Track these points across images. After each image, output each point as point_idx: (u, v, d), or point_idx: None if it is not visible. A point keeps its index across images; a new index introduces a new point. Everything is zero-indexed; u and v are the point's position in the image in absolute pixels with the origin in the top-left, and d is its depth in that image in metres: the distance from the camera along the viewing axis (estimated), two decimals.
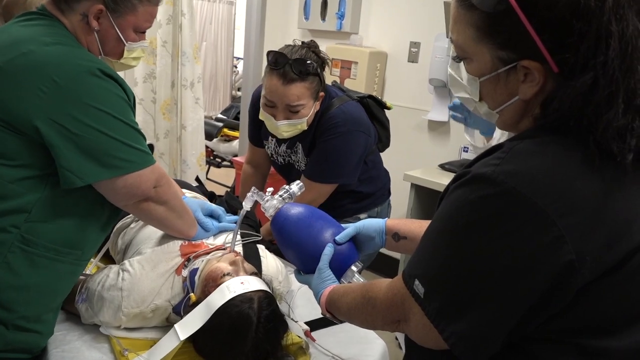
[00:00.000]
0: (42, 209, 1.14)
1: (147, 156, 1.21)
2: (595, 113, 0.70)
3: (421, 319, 0.79)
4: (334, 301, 1.06)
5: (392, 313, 0.87)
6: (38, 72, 1.08)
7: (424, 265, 0.80)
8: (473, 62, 0.82)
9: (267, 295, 1.23)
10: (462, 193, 0.75)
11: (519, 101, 0.80)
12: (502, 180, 0.70)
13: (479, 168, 0.75)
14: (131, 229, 1.62)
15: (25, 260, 1.13)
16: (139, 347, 1.27)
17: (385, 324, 0.92)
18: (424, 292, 0.78)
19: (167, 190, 1.31)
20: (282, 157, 1.92)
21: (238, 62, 7.41)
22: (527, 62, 0.74)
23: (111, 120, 1.13)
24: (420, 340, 0.84)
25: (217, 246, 1.45)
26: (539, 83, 0.75)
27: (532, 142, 0.74)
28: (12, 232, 1.12)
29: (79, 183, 1.12)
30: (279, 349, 1.25)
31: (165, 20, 3.14)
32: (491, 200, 0.71)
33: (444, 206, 0.79)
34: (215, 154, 5.00)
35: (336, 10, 3.36)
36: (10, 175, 1.11)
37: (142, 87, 3.18)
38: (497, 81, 0.80)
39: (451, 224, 0.77)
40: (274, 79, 1.66)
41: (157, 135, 3.30)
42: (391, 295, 0.87)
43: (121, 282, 1.32)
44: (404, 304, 0.83)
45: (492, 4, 0.74)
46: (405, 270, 0.84)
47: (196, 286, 1.30)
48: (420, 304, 0.79)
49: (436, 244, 0.79)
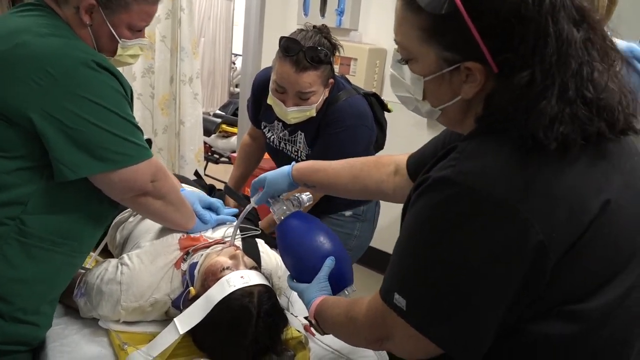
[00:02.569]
0: (38, 201, 1.13)
1: (144, 150, 1.20)
2: (530, 105, 0.74)
3: (407, 332, 0.81)
4: (323, 311, 1.08)
5: (374, 332, 0.90)
6: (32, 64, 1.07)
7: (400, 278, 0.82)
8: (418, 62, 0.85)
9: (267, 290, 1.23)
10: (427, 199, 0.78)
11: (461, 100, 0.84)
12: (461, 180, 0.74)
13: (437, 172, 0.78)
14: (129, 222, 1.61)
15: (22, 252, 1.13)
16: (138, 341, 1.27)
17: (368, 343, 0.96)
18: (406, 304, 0.80)
19: (164, 184, 1.30)
20: (284, 142, 1.91)
21: (236, 59, 7.39)
22: (470, 63, 0.78)
23: (106, 113, 1.12)
24: (409, 354, 0.86)
25: (216, 240, 1.44)
26: (480, 83, 0.79)
27: (480, 141, 0.79)
28: (9, 224, 1.11)
29: (72, 176, 1.11)
30: (278, 343, 1.25)
31: (164, 15, 3.13)
32: (454, 201, 0.75)
33: (411, 216, 0.82)
34: (214, 150, 5.00)
35: (336, 7, 3.35)
36: (6, 167, 1.10)
37: (141, 82, 3.16)
38: (441, 81, 0.83)
39: (420, 231, 0.79)
40: (287, 66, 1.65)
41: (155, 131, 3.29)
42: (371, 315, 0.90)
43: (120, 276, 1.32)
44: (386, 322, 0.85)
45: (439, 6, 0.77)
46: (381, 288, 0.86)
47: (196, 280, 1.30)
48: (404, 316, 0.80)
49: (409, 254, 0.81)
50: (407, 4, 0.82)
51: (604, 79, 0.77)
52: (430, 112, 0.90)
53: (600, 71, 0.77)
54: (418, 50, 0.83)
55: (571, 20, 0.76)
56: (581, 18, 0.77)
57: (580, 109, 0.75)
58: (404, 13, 0.83)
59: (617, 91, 0.78)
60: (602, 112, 0.76)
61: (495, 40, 0.76)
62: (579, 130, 0.75)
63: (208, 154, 4.85)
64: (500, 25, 0.75)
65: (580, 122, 0.75)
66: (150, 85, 3.21)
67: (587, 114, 0.75)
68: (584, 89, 0.75)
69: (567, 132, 0.74)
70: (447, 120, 0.90)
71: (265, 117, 1.92)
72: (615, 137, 0.78)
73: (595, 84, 0.76)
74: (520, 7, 0.74)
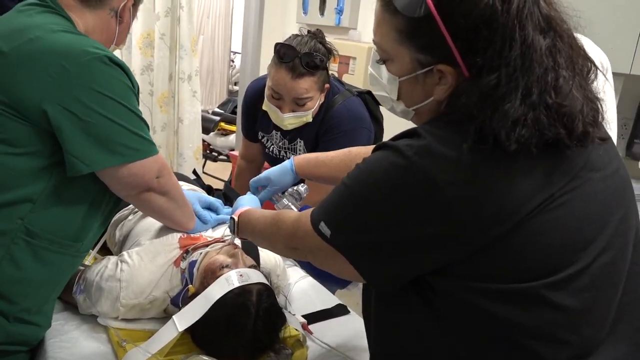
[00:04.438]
0: (46, 200, 1.13)
1: (152, 145, 1.21)
2: (495, 106, 0.78)
3: (320, 248, 0.92)
4: (250, 213, 1.20)
5: (293, 241, 1.03)
6: (46, 58, 1.09)
7: (331, 212, 0.91)
8: (394, 63, 0.90)
9: (266, 288, 1.24)
10: (378, 157, 0.85)
11: (433, 101, 0.89)
12: (410, 154, 0.80)
13: (396, 142, 0.84)
14: (129, 220, 1.62)
15: (29, 253, 1.13)
16: (137, 338, 1.27)
17: (284, 248, 1.10)
18: (330, 234, 0.90)
19: (168, 181, 1.31)
20: (284, 151, 1.91)
21: (235, 57, 7.39)
22: (442, 66, 0.83)
23: (119, 108, 1.13)
24: (320, 263, 0.99)
25: (215, 239, 1.45)
26: (451, 86, 0.84)
27: (436, 125, 0.84)
28: (17, 224, 1.11)
29: (85, 170, 1.12)
30: (276, 341, 1.25)
31: (163, 13, 3.13)
32: (398, 169, 0.81)
33: (361, 165, 0.88)
34: (212, 147, 5.00)
35: (335, 6, 3.35)
36: (16, 165, 1.10)
37: (140, 79, 3.16)
38: (415, 82, 0.89)
39: (362, 180, 0.87)
40: (282, 72, 1.65)
41: (154, 128, 3.29)
42: (296, 226, 1.01)
43: (120, 273, 1.33)
44: (305, 239, 0.96)
45: (414, 9, 0.82)
46: (314, 212, 0.95)
47: (195, 278, 1.30)
48: (325, 240, 0.91)
49: (345, 195, 0.89)
50: (385, 6, 0.87)
51: (568, 86, 0.80)
52: (404, 112, 0.96)
53: (565, 78, 0.80)
54: (394, 52, 0.88)
55: (537, 28, 0.80)
56: (548, 26, 0.81)
57: (542, 113, 0.78)
58: (382, 15, 0.88)
59: (581, 99, 0.81)
60: (562, 118, 0.79)
61: (466, 43, 0.80)
62: (538, 134, 0.78)
63: (206, 151, 4.85)
64: (471, 29, 0.79)
65: (540, 126, 0.78)
66: (149, 83, 3.21)
67: (548, 119, 0.78)
68: (546, 94, 0.78)
69: (527, 136, 0.77)
70: (419, 121, 0.95)
71: (262, 128, 1.92)
72: (575, 144, 0.81)
73: (559, 90, 0.79)
74: (490, 13, 0.78)
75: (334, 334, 1.39)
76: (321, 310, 1.50)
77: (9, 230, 1.11)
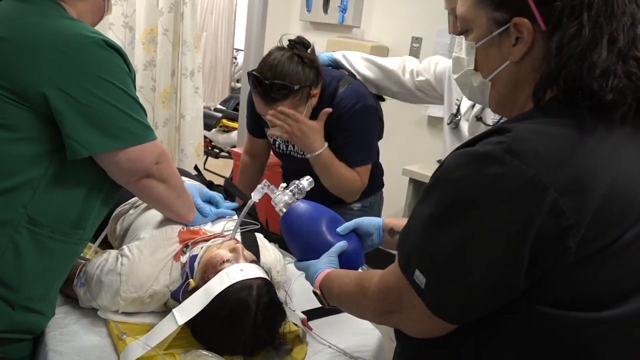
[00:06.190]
0: (47, 186, 1.14)
1: (150, 130, 1.22)
2: (580, 56, 0.73)
3: (420, 310, 0.78)
4: (330, 281, 1.07)
5: (385, 305, 0.87)
6: (45, 42, 1.10)
7: (422, 252, 0.78)
8: (472, 31, 0.87)
9: (266, 283, 1.24)
10: (463, 171, 0.74)
11: (510, 70, 0.83)
12: (509, 159, 0.70)
13: (482, 147, 0.74)
14: (130, 215, 1.62)
15: (32, 242, 1.14)
16: (137, 332, 1.27)
17: (375, 316, 0.93)
18: (425, 282, 0.77)
19: (167, 167, 1.31)
20: (291, 145, 1.90)
21: (238, 54, 7.39)
22: (518, 19, 0.79)
23: (117, 91, 1.14)
24: (415, 331, 0.84)
25: (216, 233, 1.45)
26: (528, 43, 0.79)
27: (533, 122, 0.75)
28: (20, 212, 1.12)
29: (84, 153, 1.12)
30: (276, 336, 1.25)
31: (167, 9, 3.13)
32: (499, 179, 0.70)
33: (436, 186, 0.78)
34: (214, 144, 5.00)
35: (338, 4, 3.36)
36: (16, 150, 1.11)
37: (142, 74, 3.16)
38: (491, 45, 0.85)
39: (450, 202, 0.75)
40: (257, 97, 1.66)
41: (155, 124, 3.28)
42: (384, 287, 0.87)
43: (120, 267, 1.33)
44: (401, 296, 0.82)
45: None
46: (401, 260, 0.82)
47: (195, 272, 1.31)
48: (421, 294, 0.78)
49: (433, 226, 0.77)
50: None
51: None
52: (481, 85, 0.89)
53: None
54: (472, 15, 0.86)
55: None
56: None
57: (632, 66, 0.72)
58: None
59: None
60: None
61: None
62: (633, 87, 0.71)
63: (208, 148, 4.85)
64: None
65: (635, 77, 0.72)
66: (151, 79, 3.21)
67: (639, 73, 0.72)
68: (634, 47, 0.73)
69: (622, 86, 0.71)
70: (497, 94, 0.88)
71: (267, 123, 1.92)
72: None
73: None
74: None
75: (333, 331, 1.38)
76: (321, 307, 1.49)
77: (12, 219, 1.11)
